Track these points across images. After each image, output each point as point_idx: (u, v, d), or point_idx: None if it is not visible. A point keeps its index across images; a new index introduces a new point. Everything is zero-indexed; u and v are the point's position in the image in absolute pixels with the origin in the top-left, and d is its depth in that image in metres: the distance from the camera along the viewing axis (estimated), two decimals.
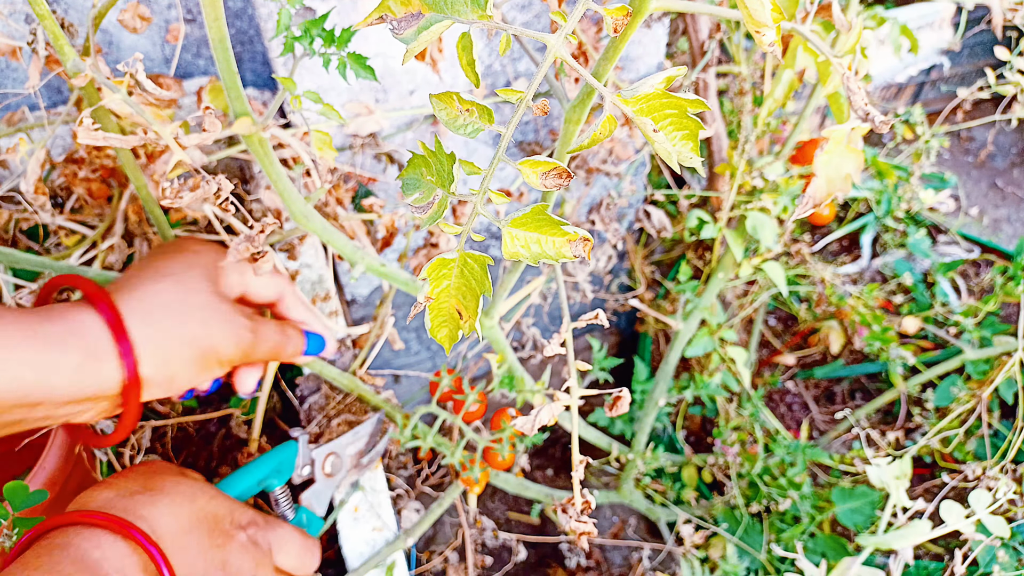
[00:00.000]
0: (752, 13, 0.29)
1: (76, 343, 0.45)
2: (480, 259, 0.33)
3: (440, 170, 0.33)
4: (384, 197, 0.95)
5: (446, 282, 0.34)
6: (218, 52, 0.42)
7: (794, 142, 0.88)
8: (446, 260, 0.34)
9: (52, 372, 0.43)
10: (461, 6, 0.30)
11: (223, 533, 0.52)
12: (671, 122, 0.30)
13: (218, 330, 0.51)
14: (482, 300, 0.34)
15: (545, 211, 0.32)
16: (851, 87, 0.30)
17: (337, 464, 0.65)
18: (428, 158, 0.34)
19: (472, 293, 0.34)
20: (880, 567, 0.68)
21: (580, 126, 0.38)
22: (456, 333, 0.36)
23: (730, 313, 1.13)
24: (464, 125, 0.31)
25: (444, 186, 0.33)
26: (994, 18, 0.81)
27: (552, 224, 0.32)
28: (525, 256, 0.33)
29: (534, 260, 0.33)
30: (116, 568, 0.43)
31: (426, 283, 0.34)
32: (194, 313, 0.50)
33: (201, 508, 0.51)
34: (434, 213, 0.33)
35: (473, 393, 0.67)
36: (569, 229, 0.32)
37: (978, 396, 0.87)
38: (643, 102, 0.29)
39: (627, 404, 0.42)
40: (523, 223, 0.32)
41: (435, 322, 0.36)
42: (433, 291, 0.34)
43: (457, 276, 0.34)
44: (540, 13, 0.86)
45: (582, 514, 0.44)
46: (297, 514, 0.63)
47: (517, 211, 0.32)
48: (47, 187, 0.66)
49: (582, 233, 0.32)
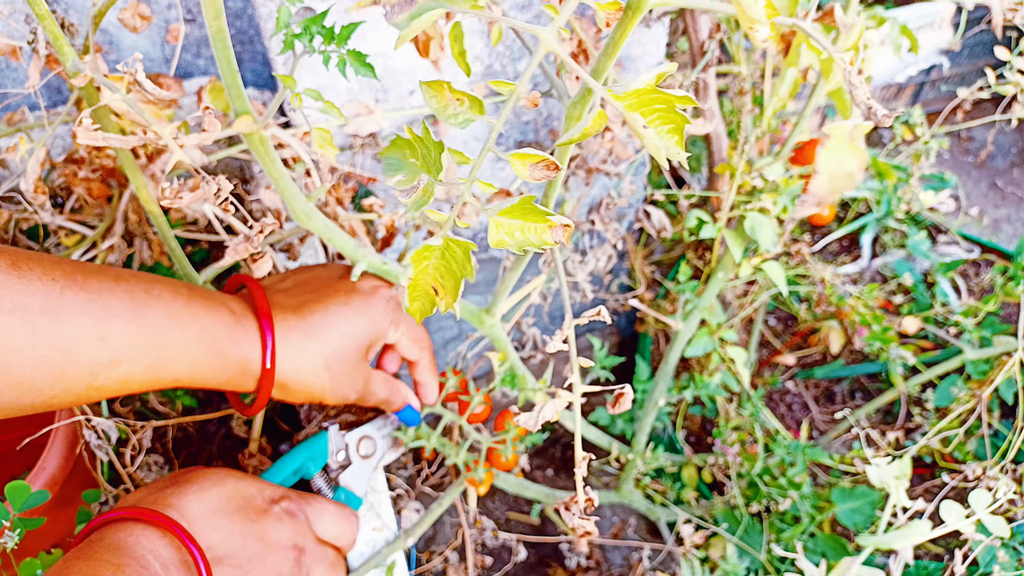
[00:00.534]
0: (745, 9, 0.29)
1: (235, 351, 0.52)
2: (463, 244, 0.34)
3: (427, 156, 0.33)
4: (384, 197, 0.95)
5: (426, 263, 0.35)
6: (218, 51, 0.42)
7: (794, 142, 0.88)
8: (430, 246, 0.35)
9: (213, 373, 0.51)
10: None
11: (256, 509, 0.54)
12: (659, 117, 0.30)
13: (341, 383, 0.57)
14: (465, 286, 0.35)
15: (531, 202, 0.32)
16: (853, 82, 0.30)
17: (370, 445, 0.67)
18: (413, 142, 0.34)
19: (452, 274, 0.35)
20: (880, 567, 0.68)
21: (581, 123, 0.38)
22: (430, 308, 0.37)
23: (730, 313, 1.13)
24: (455, 115, 0.32)
25: (431, 171, 0.33)
26: (994, 18, 0.81)
27: (536, 213, 0.32)
28: (509, 243, 0.33)
29: (518, 247, 0.33)
30: (149, 550, 0.45)
31: (410, 267, 0.34)
32: (322, 367, 0.56)
33: (230, 489, 0.53)
34: (419, 198, 0.33)
35: (479, 395, 0.67)
36: (552, 218, 0.32)
37: (978, 396, 0.87)
38: (633, 97, 0.29)
39: (630, 401, 0.42)
40: (510, 212, 0.33)
41: (411, 297, 0.36)
42: (414, 272, 0.34)
43: (438, 258, 0.35)
44: (540, 13, 0.86)
45: (585, 512, 0.44)
46: (336, 494, 0.64)
47: (508, 203, 0.33)
48: (47, 187, 0.66)
49: (561, 220, 0.32)
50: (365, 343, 0.58)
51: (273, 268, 0.73)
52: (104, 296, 0.45)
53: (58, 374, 0.43)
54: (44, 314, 0.42)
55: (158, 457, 0.65)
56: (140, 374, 0.47)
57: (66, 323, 0.43)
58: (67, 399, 0.45)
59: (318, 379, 0.56)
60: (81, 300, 0.44)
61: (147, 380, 0.48)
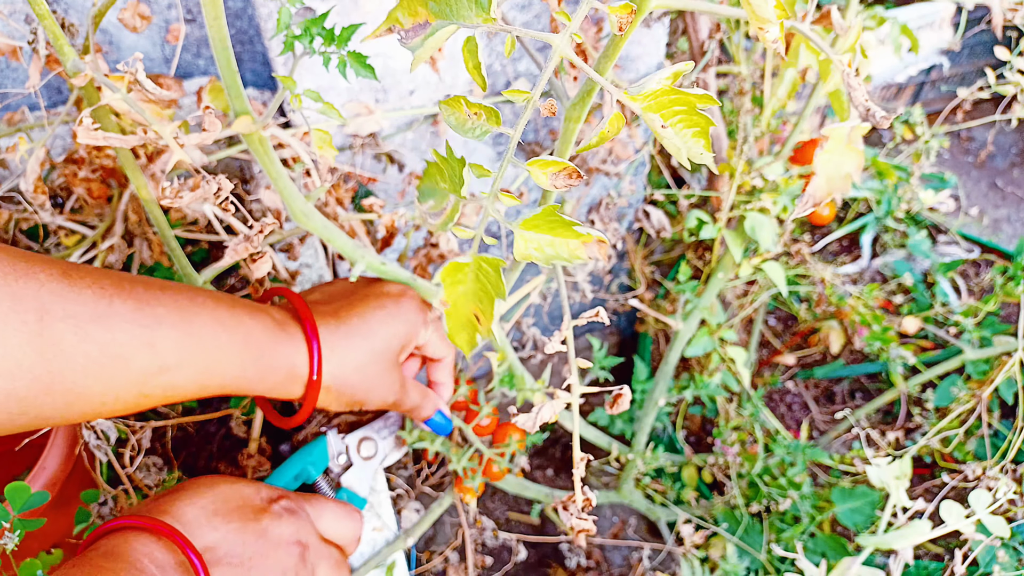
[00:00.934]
0: (756, 10, 0.29)
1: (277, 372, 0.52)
2: (494, 263, 0.33)
3: (452, 175, 0.33)
4: (384, 197, 0.95)
5: (461, 287, 0.34)
6: (218, 51, 0.42)
7: (794, 142, 0.88)
8: (460, 264, 0.34)
9: (261, 378, 0.51)
10: (465, 11, 0.30)
11: (255, 508, 0.54)
12: (681, 119, 0.29)
13: (380, 385, 0.58)
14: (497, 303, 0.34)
15: (556, 212, 0.31)
16: (851, 84, 0.30)
17: (371, 447, 0.67)
18: (441, 165, 0.33)
19: (488, 297, 0.34)
20: (880, 567, 0.68)
21: (580, 124, 0.38)
22: (475, 338, 0.36)
23: (730, 313, 1.13)
24: (472, 128, 0.31)
25: (456, 191, 0.33)
26: (994, 18, 0.81)
27: (564, 225, 0.31)
28: (538, 258, 0.32)
29: (547, 262, 0.32)
30: (144, 554, 0.46)
31: (440, 288, 0.34)
32: (364, 369, 0.57)
33: (224, 491, 0.53)
34: (447, 218, 0.33)
35: (488, 407, 0.67)
36: (582, 230, 0.31)
37: (978, 396, 0.87)
38: (651, 98, 0.29)
39: (628, 402, 0.42)
40: (535, 225, 0.32)
41: (453, 327, 0.36)
42: (450, 297, 0.34)
43: (473, 280, 0.34)
44: (540, 13, 0.86)
45: (583, 511, 0.44)
46: (338, 494, 0.64)
47: (526, 212, 0.32)
48: (47, 187, 0.66)
49: (597, 235, 0.31)
50: (401, 343, 0.59)
51: (273, 268, 0.73)
52: (152, 304, 0.46)
53: (108, 380, 0.44)
54: (95, 321, 0.43)
55: (157, 458, 0.65)
56: (188, 381, 0.48)
57: (116, 330, 0.44)
58: (116, 407, 0.45)
59: (361, 381, 0.56)
60: (130, 308, 0.45)
61: (194, 387, 0.49)
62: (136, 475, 0.62)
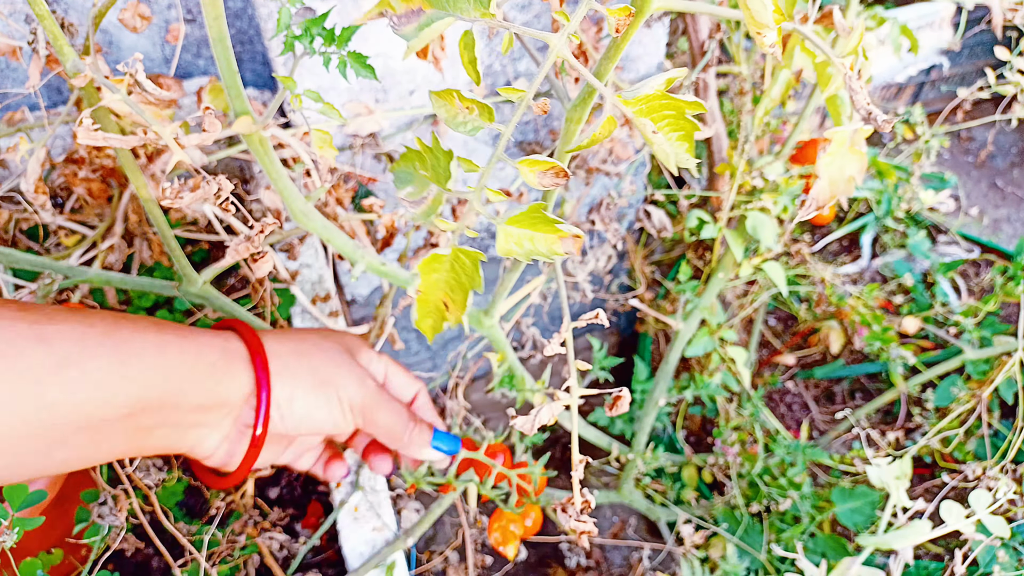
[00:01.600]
0: (754, 14, 0.29)
1: (210, 351, 0.48)
2: (472, 255, 0.34)
3: (436, 166, 0.33)
4: (384, 197, 0.95)
5: (436, 275, 0.35)
6: (218, 51, 0.42)
7: (794, 142, 0.88)
8: (439, 256, 0.34)
9: (184, 378, 0.45)
10: (463, 3, 0.30)
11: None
12: (668, 123, 0.30)
13: (345, 371, 0.53)
14: (472, 295, 0.35)
15: (541, 210, 0.32)
16: (853, 87, 0.30)
17: None
18: (423, 153, 0.34)
19: (461, 287, 0.34)
20: (880, 567, 0.68)
21: (581, 126, 0.38)
22: (440, 324, 0.36)
23: (730, 313, 1.13)
24: (464, 123, 0.32)
25: (440, 182, 0.33)
26: (994, 18, 0.81)
27: (547, 222, 0.32)
28: (518, 253, 0.33)
29: (527, 257, 0.33)
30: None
31: (418, 277, 0.34)
32: (327, 355, 0.53)
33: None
34: (429, 209, 0.33)
35: (532, 513, 0.61)
36: (562, 227, 0.32)
37: (978, 396, 0.87)
38: (643, 103, 0.29)
39: (627, 403, 0.42)
40: (518, 221, 0.32)
41: (421, 312, 0.36)
42: (423, 284, 0.34)
43: (448, 271, 0.34)
44: (540, 13, 0.86)
45: (582, 513, 0.44)
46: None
47: (514, 209, 0.32)
48: (47, 187, 0.66)
49: (573, 231, 0.32)
50: (348, 353, 0.55)
51: (272, 268, 0.73)
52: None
53: None
54: None
55: (157, 458, 0.65)
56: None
57: None
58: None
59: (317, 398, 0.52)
60: None
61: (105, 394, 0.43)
62: (136, 475, 0.62)
